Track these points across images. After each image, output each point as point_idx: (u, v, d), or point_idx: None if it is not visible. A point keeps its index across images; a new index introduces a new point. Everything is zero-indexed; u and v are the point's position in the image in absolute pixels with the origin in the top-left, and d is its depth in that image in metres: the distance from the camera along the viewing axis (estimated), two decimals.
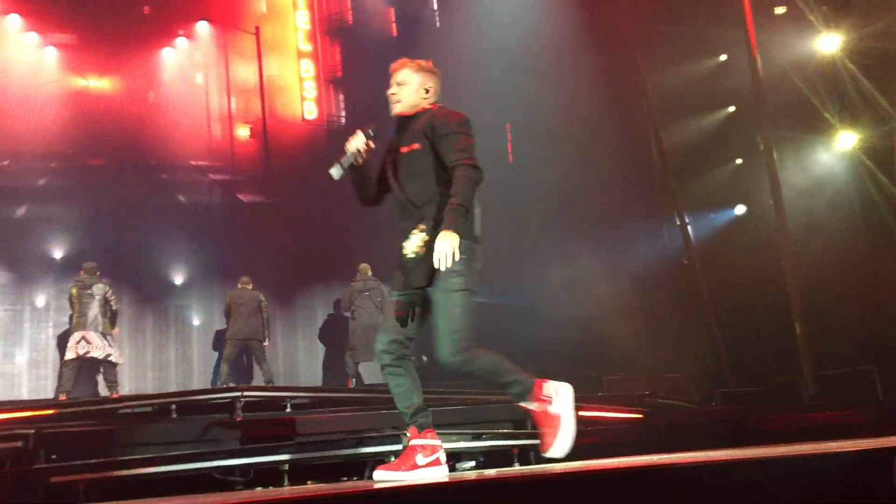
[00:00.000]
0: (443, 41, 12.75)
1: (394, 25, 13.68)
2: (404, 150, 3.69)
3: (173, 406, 6.24)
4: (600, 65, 11.09)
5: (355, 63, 13.22)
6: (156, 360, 11.19)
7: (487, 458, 5.60)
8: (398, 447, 4.76)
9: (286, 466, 4.87)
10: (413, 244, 3.55)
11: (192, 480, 4.68)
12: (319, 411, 6.41)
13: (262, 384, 9.53)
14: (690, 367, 9.83)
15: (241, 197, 12.08)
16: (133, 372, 11.03)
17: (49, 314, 10.55)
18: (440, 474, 3.52)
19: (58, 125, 10.99)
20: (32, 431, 4.68)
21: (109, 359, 9.29)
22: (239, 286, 10.02)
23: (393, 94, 3.83)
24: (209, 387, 9.84)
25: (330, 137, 12.93)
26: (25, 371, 10.60)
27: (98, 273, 9.21)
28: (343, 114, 13.61)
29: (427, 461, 3.55)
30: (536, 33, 11.34)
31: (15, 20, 11.47)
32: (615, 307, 10.51)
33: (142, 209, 10.67)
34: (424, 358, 11.34)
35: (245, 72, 12.62)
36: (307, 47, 13.12)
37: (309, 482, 4.90)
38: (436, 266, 3.47)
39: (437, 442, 3.60)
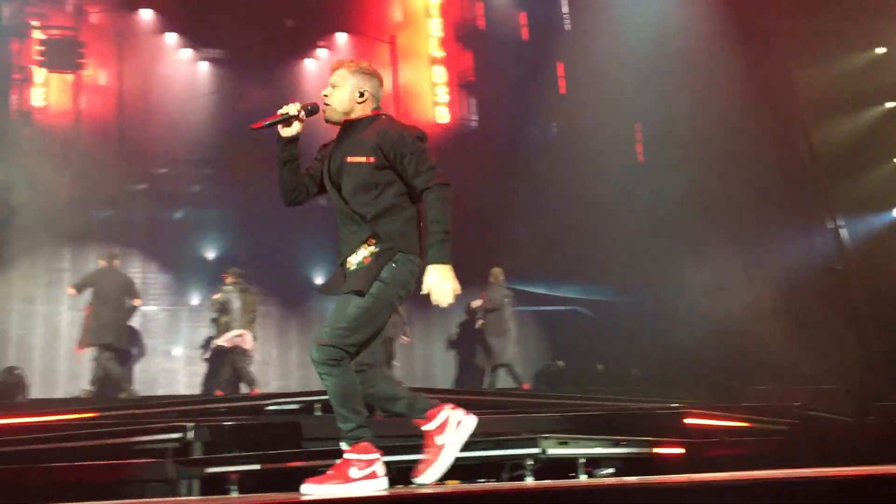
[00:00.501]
0: (574, 44, 12.66)
1: (524, 29, 13.66)
2: (351, 160, 3.50)
3: (317, 405, 6.50)
4: (739, 63, 10.63)
5: (487, 67, 13.32)
6: (300, 360, 11.67)
7: (626, 464, 5.44)
8: (536, 450, 4.72)
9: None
10: (360, 257, 3.44)
11: None
12: None
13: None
14: (844, 378, 9.24)
15: None
16: (279, 371, 11.57)
17: (202, 314, 11.16)
18: (377, 486, 3.36)
19: (210, 135, 11.68)
20: (190, 424, 4.88)
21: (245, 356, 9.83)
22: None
23: (325, 95, 3.63)
24: None
25: (462, 141, 13.04)
26: (182, 367, 11.33)
27: (242, 278, 9.74)
28: (475, 117, 13.72)
29: (362, 474, 3.35)
30: (670, 33, 11.04)
31: (171, 38, 12.33)
32: (759, 314, 10.05)
33: (288, 213, 11.07)
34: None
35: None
36: (440, 54, 13.33)
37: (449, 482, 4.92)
38: (438, 305, 3.41)
39: (371, 456, 3.38)
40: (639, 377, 10.84)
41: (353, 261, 3.44)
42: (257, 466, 4.49)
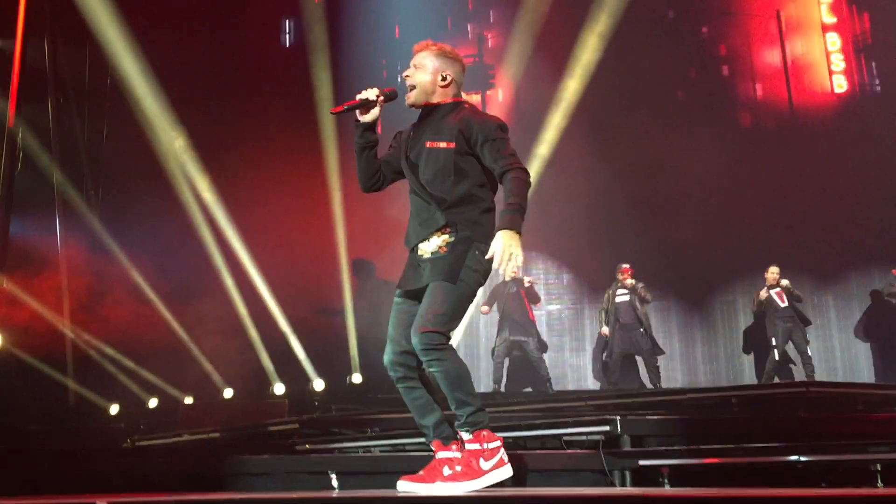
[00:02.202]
0: None
1: None
2: (432, 145, 3.36)
3: (734, 399, 6.38)
4: None
5: (884, 28, 12.01)
6: (706, 355, 11.53)
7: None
8: None
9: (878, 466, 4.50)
10: (433, 245, 3.32)
11: (766, 472, 4.62)
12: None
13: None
14: None
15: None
16: (685, 366, 11.54)
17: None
18: (506, 474, 3.30)
19: None
20: (618, 417, 5.03)
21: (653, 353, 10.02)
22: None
23: (407, 76, 3.48)
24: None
25: (865, 107, 11.93)
26: (588, 363, 11.85)
27: (632, 273, 10.06)
28: (877, 81, 12.35)
29: (490, 464, 3.28)
30: None
31: None
32: None
33: (668, 211, 11.00)
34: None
35: (770, 56, 12.28)
36: (831, 20, 12.35)
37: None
38: (497, 268, 3.22)
39: (495, 444, 3.31)
40: None
41: (427, 249, 3.38)
42: (693, 460, 4.48)
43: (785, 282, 9.90)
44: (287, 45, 13.55)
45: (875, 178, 10.76)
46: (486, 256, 3.27)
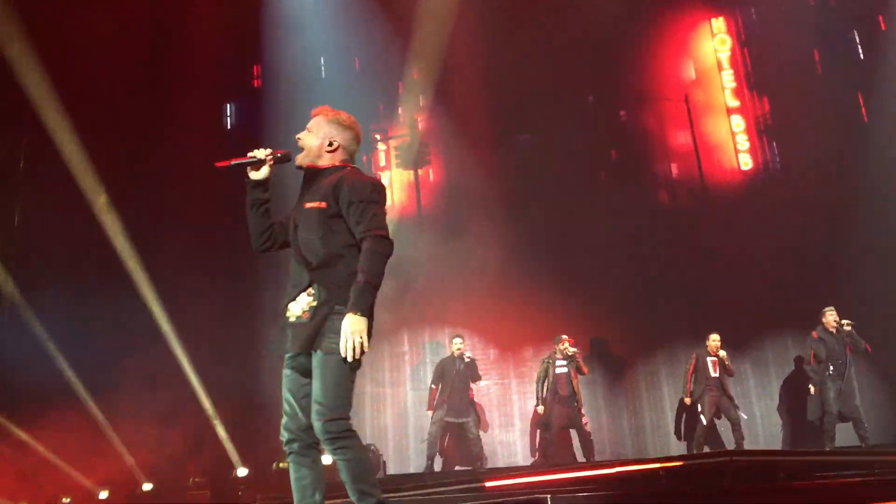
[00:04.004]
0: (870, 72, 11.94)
1: (818, 66, 12.99)
2: (308, 205, 3.42)
3: (661, 472, 6.43)
4: None
5: (781, 110, 12.94)
6: (632, 427, 11.66)
7: None
8: None
9: None
10: (298, 307, 3.32)
11: None
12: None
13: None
14: None
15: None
16: (612, 438, 11.63)
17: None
18: None
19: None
20: (548, 496, 5.06)
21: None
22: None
23: (298, 138, 3.58)
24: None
25: (769, 182, 12.76)
26: (518, 439, 11.82)
27: (569, 343, 10.14)
28: (778, 158, 13.21)
29: None
30: None
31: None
32: None
33: (590, 284, 11.30)
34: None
35: (682, 137, 12.99)
36: (735, 103, 13.27)
37: None
38: (343, 356, 3.16)
39: None
40: None
41: (294, 311, 3.36)
42: None
43: (723, 353, 10.14)
44: (229, 126, 13.85)
45: (783, 248, 11.31)
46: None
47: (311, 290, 3.34)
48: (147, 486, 9.81)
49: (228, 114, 14.07)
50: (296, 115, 11.14)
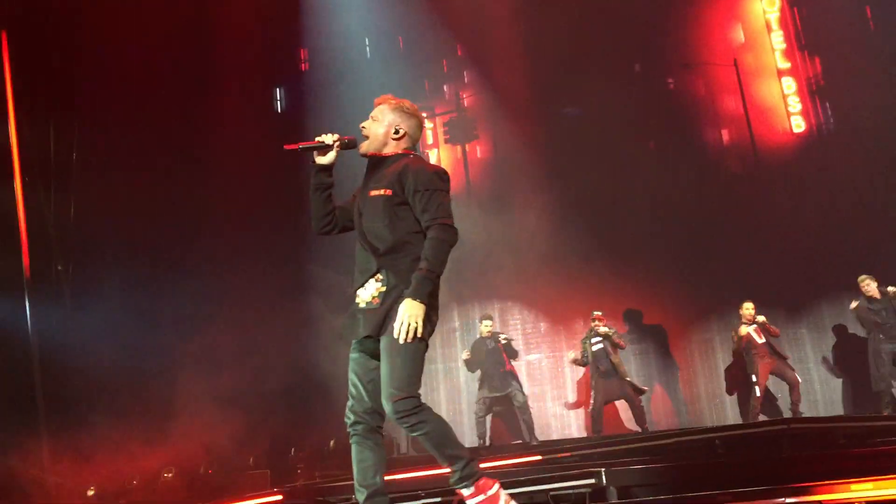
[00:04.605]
0: None
1: (870, 23, 12.58)
2: (373, 193, 3.45)
3: (717, 441, 6.38)
4: None
5: (833, 70, 12.64)
6: (687, 396, 11.57)
7: None
8: None
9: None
10: (368, 293, 3.38)
11: None
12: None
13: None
14: None
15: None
16: (666, 409, 11.56)
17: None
18: None
19: None
20: (602, 469, 4.96)
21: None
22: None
23: (363, 127, 3.60)
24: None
25: (822, 144, 12.44)
26: (573, 412, 11.82)
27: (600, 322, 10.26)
28: (832, 119, 12.87)
29: None
30: None
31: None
32: None
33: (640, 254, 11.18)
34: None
35: (731, 102, 12.69)
36: (786, 65, 12.93)
37: None
38: (397, 338, 3.25)
39: (494, 489, 3.34)
40: None
41: (363, 297, 3.44)
42: None
43: (761, 318, 10.02)
44: (279, 110, 14.05)
45: (836, 210, 11.06)
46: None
47: (379, 276, 3.42)
48: (206, 468, 10.08)
49: (278, 98, 14.17)
50: (343, 98, 11.26)
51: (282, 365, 10.56)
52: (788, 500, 4.48)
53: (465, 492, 3.37)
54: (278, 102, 14.25)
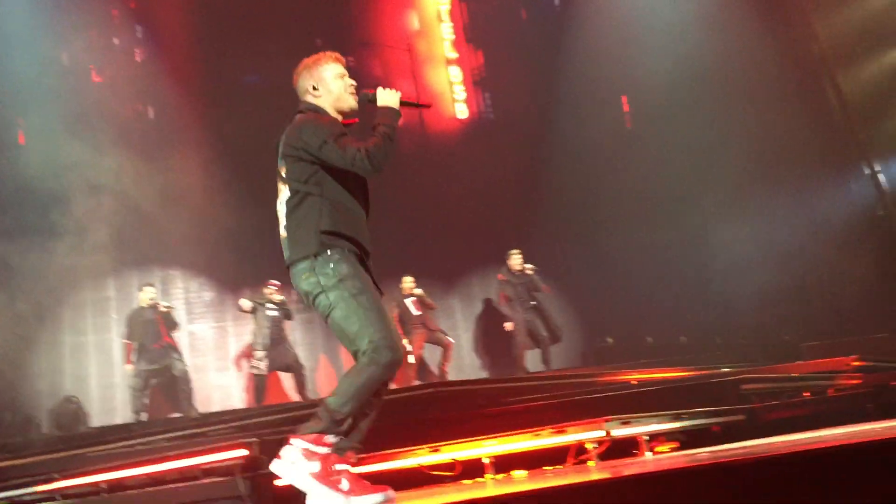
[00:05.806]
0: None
1: (523, 12, 14.16)
2: None
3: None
4: (752, 14, 10.65)
5: (494, 64, 13.98)
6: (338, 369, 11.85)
7: (688, 437, 5.41)
8: (599, 433, 4.75)
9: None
10: None
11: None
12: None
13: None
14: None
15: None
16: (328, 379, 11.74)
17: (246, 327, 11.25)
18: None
19: None
20: (255, 439, 4.85)
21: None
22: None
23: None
24: None
25: (483, 131, 13.66)
26: (234, 382, 11.51)
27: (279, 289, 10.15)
28: (491, 109, 14.12)
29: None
30: None
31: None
32: (803, 268, 10.02)
33: None
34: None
35: (404, 86, 13.32)
36: (454, 55, 13.99)
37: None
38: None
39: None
40: (687, 345, 10.81)
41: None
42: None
43: (418, 291, 10.55)
44: None
45: (495, 192, 12.07)
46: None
47: None
48: None
49: None
50: None
51: None
52: (425, 459, 4.76)
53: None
54: None
